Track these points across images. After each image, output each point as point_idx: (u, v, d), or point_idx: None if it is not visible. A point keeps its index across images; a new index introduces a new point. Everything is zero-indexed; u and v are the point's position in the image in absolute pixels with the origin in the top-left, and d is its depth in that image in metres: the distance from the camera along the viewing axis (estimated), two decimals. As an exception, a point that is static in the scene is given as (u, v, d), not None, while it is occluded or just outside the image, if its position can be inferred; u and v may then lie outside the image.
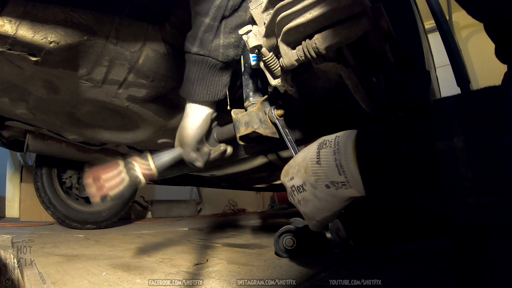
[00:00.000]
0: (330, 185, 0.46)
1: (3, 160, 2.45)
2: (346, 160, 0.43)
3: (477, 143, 0.31)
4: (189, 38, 0.71)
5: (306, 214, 0.52)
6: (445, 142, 0.32)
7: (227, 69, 0.75)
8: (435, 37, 1.62)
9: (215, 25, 0.68)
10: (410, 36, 0.96)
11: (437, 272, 0.69)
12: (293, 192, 0.52)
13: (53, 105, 1.08)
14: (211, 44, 0.69)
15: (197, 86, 0.73)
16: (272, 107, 0.66)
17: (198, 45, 0.70)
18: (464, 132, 0.31)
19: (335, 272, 0.71)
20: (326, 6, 0.43)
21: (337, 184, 0.45)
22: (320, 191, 0.48)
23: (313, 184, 0.48)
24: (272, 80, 0.58)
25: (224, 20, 0.69)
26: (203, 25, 0.68)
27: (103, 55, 0.88)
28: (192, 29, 0.70)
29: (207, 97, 0.74)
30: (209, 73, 0.72)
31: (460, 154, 0.31)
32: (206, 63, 0.71)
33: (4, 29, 0.72)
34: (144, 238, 1.43)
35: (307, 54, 0.48)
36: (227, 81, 0.77)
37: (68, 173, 1.84)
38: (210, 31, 0.69)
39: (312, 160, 0.48)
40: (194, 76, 0.72)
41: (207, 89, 0.73)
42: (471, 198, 0.31)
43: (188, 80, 0.73)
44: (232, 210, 3.43)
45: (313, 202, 0.50)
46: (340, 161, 0.44)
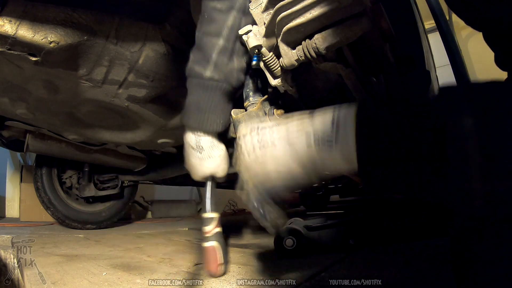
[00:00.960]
0: (312, 137, 0.39)
1: (3, 160, 2.45)
2: (345, 119, 0.38)
3: (487, 128, 0.30)
4: (199, 61, 0.64)
5: (250, 168, 0.43)
6: (456, 121, 0.31)
7: (235, 95, 0.69)
8: (435, 37, 1.62)
9: (229, 47, 0.62)
10: (410, 36, 0.96)
11: (437, 272, 0.69)
12: (251, 137, 0.43)
13: (53, 105, 1.08)
14: (226, 68, 0.63)
15: (210, 116, 0.65)
16: (272, 107, 0.66)
17: (212, 69, 0.63)
18: (474, 115, 0.31)
19: (335, 272, 0.71)
20: (326, 6, 0.43)
21: (321, 140, 0.39)
22: (294, 138, 0.40)
23: (289, 129, 0.41)
24: (272, 80, 0.58)
25: (238, 41, 0.63)
26: (216, 47, 0.62)
27: (103, 55, 0.88)
28: (201, 51, 0.64)
29: (219, 127, 0.67)
30: (221, 100, 0.66)
31: (470, 136, 0.30)
32: (220, 89, 0.64)
33: (4, 29, 0.72)
34: (144, 238, 1.43)
35: (307, 54, 0.48)
36: (231, 106, 0.71)
37: (68, 173, 1.83)
38: (225, 54, 0.62)
39: (303, 113, 0.43)
40: (205, 104, 0.65)
41: (219, 118, 0.66)
42: (477, 183, 0.30)
43: (197, 109, 0.66)
44: (232, 210, 3.43)
45: (277, 160, 0.40)
46: (338, 116, 0.39)
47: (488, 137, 0.30)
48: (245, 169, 0.44)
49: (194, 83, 0.66)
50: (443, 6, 1.60)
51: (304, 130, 0.40)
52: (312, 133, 0.40)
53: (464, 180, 0.31)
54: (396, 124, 0.36)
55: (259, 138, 0.42)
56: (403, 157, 0.34)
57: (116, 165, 1.73)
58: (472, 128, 0.30)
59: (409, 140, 0.34)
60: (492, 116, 0.30)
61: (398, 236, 0.83)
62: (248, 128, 0.45)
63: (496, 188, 0.29)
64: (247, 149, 0.43)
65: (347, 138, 0.37)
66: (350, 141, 0.37)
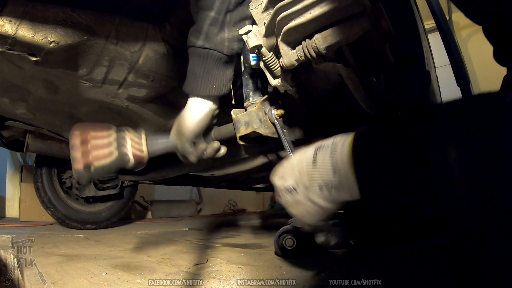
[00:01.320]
0: (323, 186, 0.46)
1: (3, 160, 2.45)
2: (342, 159, 0.43)
3: (470, 154, 0.31)
4: (193, 32, 0.71)
5: (297, 215, 0.52)
6: (439, 152, 0.33)
7: (231, 63, 0.75)
8: (435, 37, 1.62)
9: (220, 19, 0.68)
10: (410, 36, 0.96)
11: (437, 272, 0.69)
12: (283, 193, 0.52)
13: (53, 105, 1.08)
14: (216, 38, 0.69)
15: (202, 80, 0.72)
16: (272, 107, 0.66)
17: (203, 38, 0.69)
18: (457, 142, 0.32)
19: (335, 272, 0.71)
20: (326, 6, 0.43)
21: (330, 185, 0.45)
22: (313, 193, 0.48)
23: (306, 186, 0.48)
24: (272, 80, 0.58)
25: (229, 13, 0.69)
26: (208, 19, 0.68)
27: (103, 55, 0.88)
28: (196, 24, 0.70)
29: (212, 91, 0.73)
30: (214, 67, 0.72)
31: (454, 165, 0.32)
32: (211, 56, 0.70)
33: (4, 29, 0.72)
34: (144, 238, 1.43)
35: (307, 54, 0.48)
36: (231, 75, 0.76)
37: (68, 173, 1.83)
38: (215, 25, 0.68)
39: (308, 162, 0.48)
40: (198, 70, 0.71)
41: (212, 83, 0.72)
42: (467, 209, 0.32)
43: (193, 74, 0.73)
44: (232, 210, 3.43)
45: (305, 205, 0.49)
46: (336, 161, 0.44)
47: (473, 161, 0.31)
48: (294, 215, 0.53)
49: (190, 52, 0.73)
50: (443, 6, 1.60)
51: (315, 180, 0.47)
52: (322, 182, 0.46)
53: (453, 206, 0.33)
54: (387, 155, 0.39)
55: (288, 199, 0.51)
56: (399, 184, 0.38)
57: (116, 165, 1.73)
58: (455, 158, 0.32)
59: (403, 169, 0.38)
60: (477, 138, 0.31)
61: (398, 236, 0.83)
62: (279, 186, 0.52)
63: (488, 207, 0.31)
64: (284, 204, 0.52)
65: (349, 179, 0.43)
66: (351, 181, 0.42)
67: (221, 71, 0.73)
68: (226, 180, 1.93)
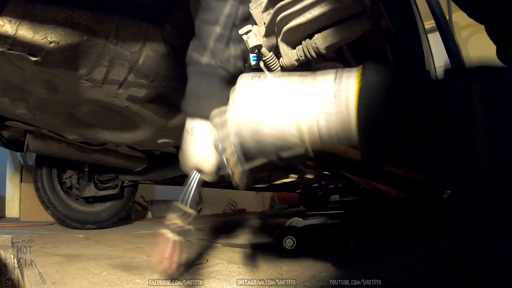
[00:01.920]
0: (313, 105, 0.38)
1: (3, 160, 2.45)
2: (347, 91, 0.37)
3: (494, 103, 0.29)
4: (196, 48, 0.66)
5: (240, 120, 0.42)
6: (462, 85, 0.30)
7: (232, 83, 0.68)
8: (435, 37, 1.62)
9: (226, 34, 0.64)
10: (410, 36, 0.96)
11: (437, 272, 0.69)
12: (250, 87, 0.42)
13: (53, 105, 1.08)
14: (223, 55, 0.64)
15: (207, 101, 0.66)
16: (272, 107, 0.66)
17: (209, 55, 0.64)
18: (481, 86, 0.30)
19: (335, 272, 0.71)
20: (326, 6, 0.43)
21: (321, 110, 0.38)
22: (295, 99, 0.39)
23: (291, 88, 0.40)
24: (272, 80, 0.58)
25: (235, 29, 0.64)
26: (213, 34, 0.64)
27: (103, 55, 0.88)
28: (198, 39, 0.66)
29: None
30: (219, 86, 0.66)
31: (476, 97, 0.29)
32: (217, 75, 0.65)
33: (4, 29, 0.72)
34: (144, 238, 1.43)
35: (307, 54, 0.48)
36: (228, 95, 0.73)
37: (68, 173, 1.83)
38: (221, 41, 0.64)
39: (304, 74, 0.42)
40: (203, 90, 0.66)
41: (217, 103, 0.66)
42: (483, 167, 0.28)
43: (196, 95, 0.67)
44: (232, 210, 3.43)
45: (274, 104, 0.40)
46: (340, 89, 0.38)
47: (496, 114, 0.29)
48: (234, 121, 0.43)
49: (192, 70, 0.67)
50: (443, 6, 1.60)
51: (305, 95, 0.39)
52: (313, 101, 0.39)
53: (469, 162, 0.29)
54: (399, 95, 0.34)
55: (259, 90, 0.41)
56: (405, 129, 0.33)
57: (116, 165, 1.73)
58: (479, 99, 0.29)
59: (413, 111, 0.33)
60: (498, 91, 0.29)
61: (398, 236, 0.83)
62: (249, 78, 0.44)
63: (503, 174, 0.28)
64: (242, 98, 0.42)
65: (348, 110, 0.36)
66: (351, 114, 0.36)
67: (225, 91, 0.66)
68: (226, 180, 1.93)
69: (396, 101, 0.34)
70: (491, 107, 0.29)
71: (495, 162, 0.28)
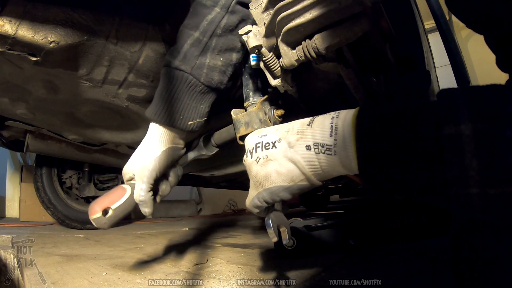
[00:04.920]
0: (312, 146, 0.40)
1: (3, 160, 2.45)
2: (344, 123, 0.39)
3: (485, 133, 0.30)
4: (172, 51, 0.63)
5: (258, 176, 0.44)
6: (452, 127, 0.31)
7: (208, 96, 0.64)
8: (435, 37, 1.62)
9: (203, 41, 0.61)
10: (410, 36, 0.96)
11: (437, 272, 0.69)
12: (255, 149, 0.45)
13: (53, 105, 1.08)
14: (195, 61, 0.61)
15: (166, 106, 0.61)
16: (272, 107, 0.66)
17: (180, 59, 0.61)
18: (472, 120, 0.31)
19: (335, 272, 0.71)
20: (326, 6, 0.43)
21: (321, 147, 0.40)
22: (295, 152, 0.41)
23: (290, 143, 0.42)
24: (272, 80, 0.58)
25: (215, 37, 0.61)
26: (190, 38, 0.61)
27: (103, 55, 0.88)
28: (177, 43, 0.63)
29: (178, 123, 0.62)
30: (186, 94, 0.62)
31: (467, 141, 0.30)
32: (185, 81, 0.61)
33: (4, 29, 0.72)
34: (144, 238, 1.43)
35: (307, 54, 0.48)
36: (205, 112, 0.65)
37: (68, 173, 1.84)
38: (197, 46, 0.61)
39: (302, 123, 0.43)
40: (167, 93, 0.61)
41: (179, 112, 0.61)
42: (474, 188, 0.30)
43: (159, 96, 0.62)
44: (232, 210, 3.43)
45: (278, 162, 0.42)
46: (336, 124, 0.39)
47: (486, 142, 0.30)
48: (253, 177, 0.46)
49: (162, 72, 0.64)
50: (443, 6, 1.60)
51: (304, 139, 0.41)
52: (312, 141, 0.41)
53: (461, 185, 0.31)
54: (395, 127, 0.36)
55: (263, 153, 0.44)
56: (403, 160, 0.35)
57: (116, 165, 1.73)
58: (470, 133, 0.30)
59: (409, 143, 0.34)
60: (490, 120, 0.30)
61: (398, 236, 0.83)
62: (253, 142, 0.47)
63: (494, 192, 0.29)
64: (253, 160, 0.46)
65: (346, 144, 0.38)
66: (349, 147, 0.38)
67: (194, 102, 0.62)
68: (226, 180, 1.93)
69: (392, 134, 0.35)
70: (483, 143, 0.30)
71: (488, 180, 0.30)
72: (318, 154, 0.40)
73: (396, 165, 0.35)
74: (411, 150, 0.34)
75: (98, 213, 0.61)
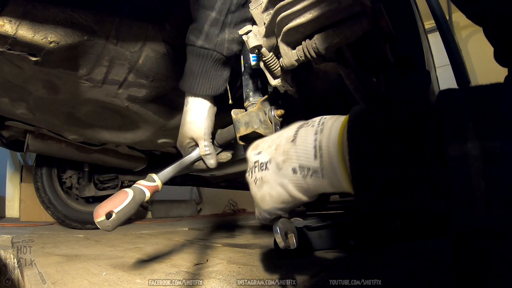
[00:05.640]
0: (298, 169, 0.38)
1: (3, 160, 2.45)
2: (328, 142, 0.35)
3: (493, 152, 0.27)
4: (193, 31, 0.71)
5: (256, 198, 0.45)
6: (458, 148, 0.28)
7: (228, 63, 0.76)
8: (435, 37, 1.62)
9: (221, 19, 0.69)
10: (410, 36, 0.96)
11: (437, 272, 0.69)
12: (254, 169, 0.45)
13: (53, 105, 1.08)
14: (216, 39, 0.70)
15: (200, 80, 0.73)
16: (272, 107, 0.66)
17: (203, 38, 0.70)
18: (479, 136, 0.28)
19: (335, 272, 0.71)
20: (326, 6, 0.43)
21: (307, 170, 0.37)
22: (283, 176, 0.40)
23: (278, 164, 0.40)
24: (272, 80, 0.58)
25: (230, 14, 0.69)
26: (209, 19, 0.69)
27: (103, 55, 0.88)
28: (196, 22, 0.71)
29: (210, 91, 0.74)
30: (212, 67, 0.73)
31: (475, 162, 0.27)
32: (210, 57, 0.71)
33: (4, 29, 0.72)
34: (144, 238, 1.43)
35: (307, 54, 0.48)
36: (227, 76, 0.78)
37: (68, 173, 1.84)
38: (216, 25, 0.69)
39: (288, 138, 0.41)
40: (197, 69, 0.72)
41: (210, 82, 0.74)
42: (479, 209, 0.28)
43: (191, 73, 0.73)
44: (232, 210, 3.43)
45: (270, 186, 0.42)
46: (320, 142, 0.36)
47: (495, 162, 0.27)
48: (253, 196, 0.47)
49: (189, 50, 0.73)
50: (443, 6, 1.60)
51: (290, 160, 0.39)
52: (297, 163, 0.38)
53: (466, 206, 0.28)
54: (394, 149, 0.32)
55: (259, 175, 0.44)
56: (404, 185, 0.32)
57: (116, 165, 1.73)
58: (477, 153, 0.27)
59: (410, 167, 0.31)
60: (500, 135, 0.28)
61: (398, 236, 0.83)
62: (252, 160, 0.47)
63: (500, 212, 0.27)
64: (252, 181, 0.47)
65: (334, 168, 0.35)
66: (338, 171, 0.35)
67: (219, 72, 0.74)
68: (226, 180, 1.93)
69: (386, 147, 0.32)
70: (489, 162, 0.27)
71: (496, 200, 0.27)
72: (305, 178, 0.38)
73: (396, 190, 0.32)
74: (413, 174, 0.31)
75: (102, 217, 0.66)
